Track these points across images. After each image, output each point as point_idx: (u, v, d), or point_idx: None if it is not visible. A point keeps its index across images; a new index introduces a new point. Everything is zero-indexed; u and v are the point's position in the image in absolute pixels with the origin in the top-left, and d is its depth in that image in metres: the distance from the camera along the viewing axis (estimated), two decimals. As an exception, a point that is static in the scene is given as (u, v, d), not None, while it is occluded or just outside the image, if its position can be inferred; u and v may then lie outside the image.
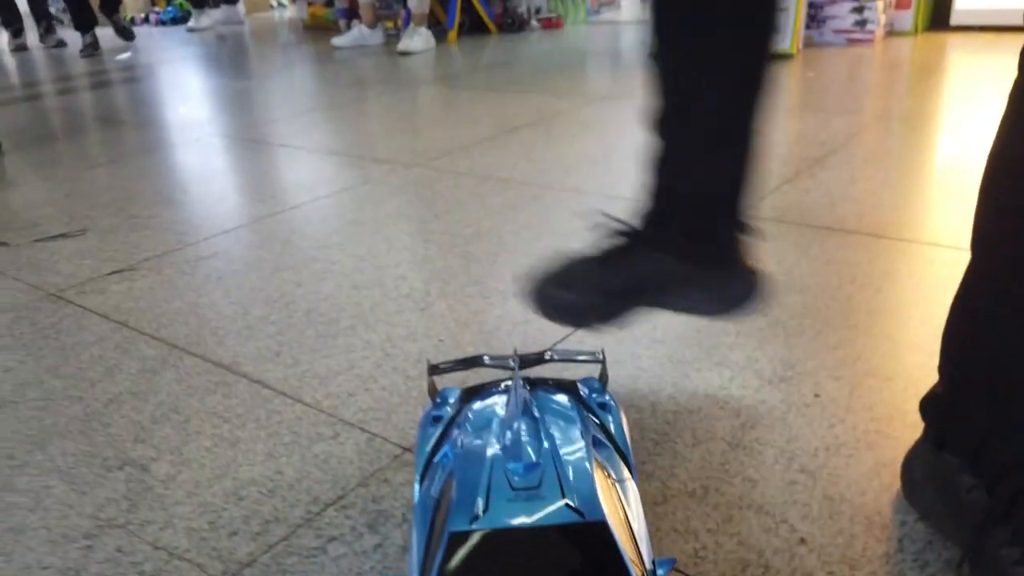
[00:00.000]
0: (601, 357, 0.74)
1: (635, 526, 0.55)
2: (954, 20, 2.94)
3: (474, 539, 0.50)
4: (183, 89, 3.12)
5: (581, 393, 0.71)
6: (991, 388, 0.59)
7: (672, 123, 0.76)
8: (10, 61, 4.13)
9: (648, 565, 0.52)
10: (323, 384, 0.91)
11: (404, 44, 3.40)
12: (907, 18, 2.92)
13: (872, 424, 0.78)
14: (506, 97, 2.46)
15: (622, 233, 0.81)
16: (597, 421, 0.67)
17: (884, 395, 0.82)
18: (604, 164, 1.68)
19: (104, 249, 1.37)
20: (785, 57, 2.72)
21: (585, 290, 0.81)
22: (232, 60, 3.88)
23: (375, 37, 3.75)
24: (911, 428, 0.76)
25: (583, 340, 0.96)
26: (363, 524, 0.69)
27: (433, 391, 0.73)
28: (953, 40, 2.91)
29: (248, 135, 2.17)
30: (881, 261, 1.13)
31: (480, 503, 0.52)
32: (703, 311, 0.81)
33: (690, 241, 0.78)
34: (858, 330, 0.95)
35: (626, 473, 0.62)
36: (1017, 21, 2.85)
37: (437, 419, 0.68)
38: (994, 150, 0.57)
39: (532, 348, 0.96)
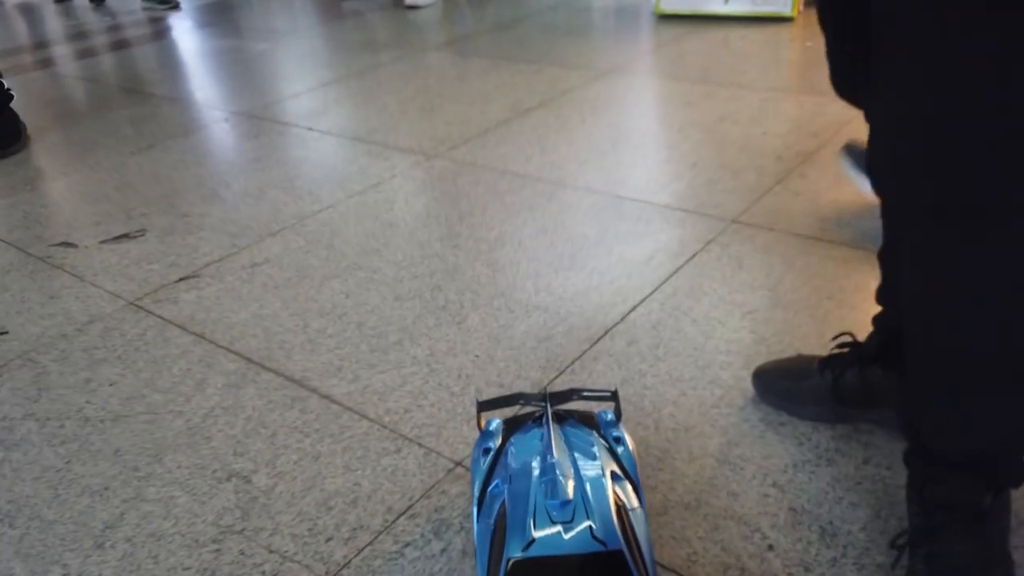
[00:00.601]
0: (616, 396, 0.91)
1: (643, 548, 0.74)
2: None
3: (526, 565, 0.69)
4: (199, 51, 3.18)
5: (601, 425, 0.89)
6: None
7: None
8: (14, 14, 4.14)
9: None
10: (382, 400, 1.09)
11: (412, -3, 3.43)
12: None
13: (832, 443, 0.96)
14: (516, 68, 2.55)
15: (854, 346, 0.96)
16: (613, 454, 0.85)
17: (846, 412, 1.01)
18: (613, 156, 1.81)
19: (167, 253, 1.53)
20: (784, 21, 2.79)
21: (813, 391, 0.97)
22: (241, 15, 3.90)
23: (382, -14, 3.74)
24: (865, 447, 0.95)
25: (598, 360, 1.14)
26: (430, 531, 0.89)
27: (480, 423, 0.91)
28: None
29: (273, 115, 2.28)
30: (858, 275, 1.29)
31: (528, 535, 0.70)
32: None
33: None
34: (829, 349, 1.12)
35: (636, 502, 0.80)
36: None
37: (487, 451, 0.86)
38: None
39: (552, 363, 1.14)
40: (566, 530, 0.71)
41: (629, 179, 1.69)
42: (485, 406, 0.91)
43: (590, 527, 0.71)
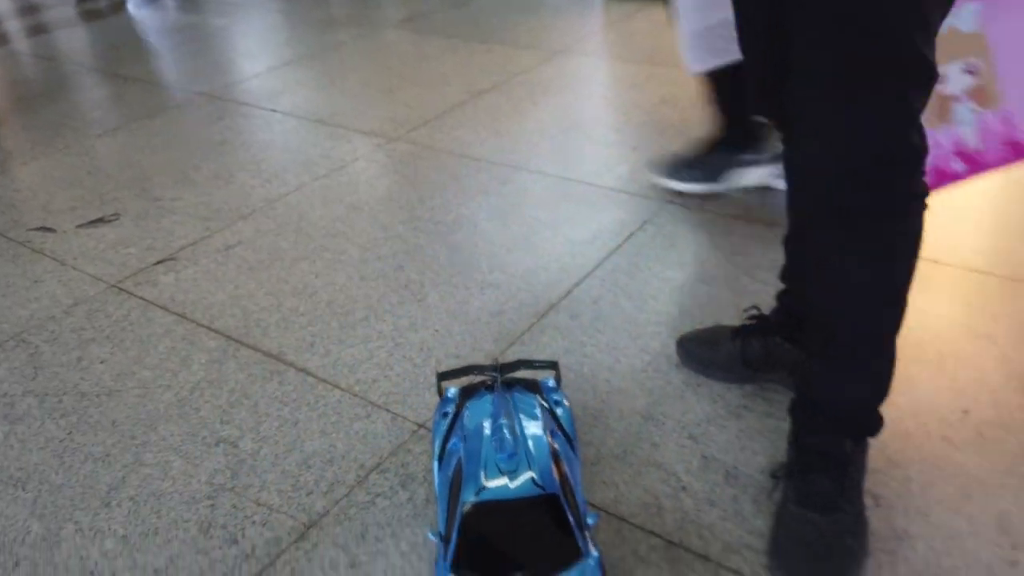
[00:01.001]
0: (557, 366, 1.06)
1: (576, 491, 0.90)
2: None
3: (478, 507, 0.84)
4: (157, 27, 3.19)
5: (544, 391, 1.04)
6: None
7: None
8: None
9: (584, 518, 0.87)
10: (352, 371, 1.23)
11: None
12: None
13: (741, 400, 1.13)
14: (471, 48, 2.65)
15: (760, 318, 1.12)
16: (553, 415, 1.00)
17: (756, 373, 1.17)
18: (562, 140, 1.93)
19: (142, 236, 1.63)
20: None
21: (726, 357, 1.13)
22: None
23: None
24: (768, 403, 1.11)
25: (544, 332, 1.28)
26: (397, 483, 1.03)
27: (440, 391, 1.05)
28: None
29: (236, 96, 2.35)
30: (773, 253, 1.44)
31: (480, 483, 0.85)
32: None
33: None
34: (741, 320, 1.28)
35: (572, 454, 0.96)
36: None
37: (446, 414, 1.01)
38: None
39: (504, 336, 1.28)
40: (511, 479, 0.86)
41: (577, 162, 1.82)
42: (444, 376, 1.05)
43: (532, 476, 0.86)
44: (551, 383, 1.05)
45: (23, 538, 1.00)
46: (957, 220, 1.49)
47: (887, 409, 0.94)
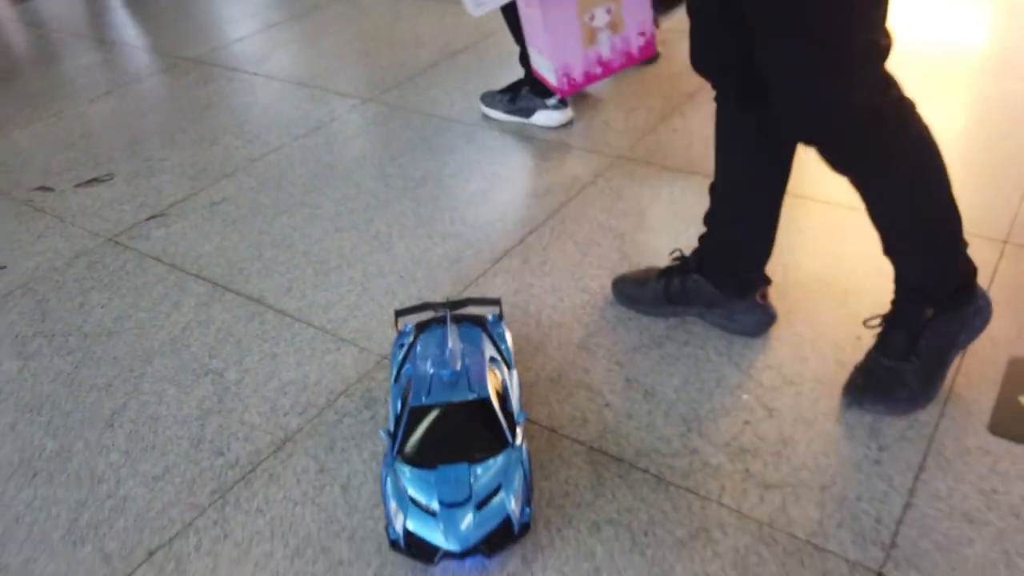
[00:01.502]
0: (499, 302, 1.21)
1: (512, 400, 1.05)
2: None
3: (422, 410, 1.00)
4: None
5: (487, 325, 1.19)
6: None
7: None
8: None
9: (515, 420, 1.03)
10: (325, 312, 1.38)
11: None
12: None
13: (664, 331, 1.28)
14: (445, 8, 2.74)
15: (682, 260, 1.29)
16: (494, 342, 1.16)
17: (681, 309, 1.32)
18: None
19: (135, 195, 1.77)
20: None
21: (651, 294, 1.29)
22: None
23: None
24: (687, 334, 1.26)
25: (497, 275, 1.43)
26: (362, 405, 1.19)
27: (398, 326, 1.20)
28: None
29: (221, 60, 2.46)
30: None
31: (425, 391, 1.01)
32: (729, 329, 1.26)
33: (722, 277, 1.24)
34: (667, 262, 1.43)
35: (507, 374, 1.11)
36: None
37: (402, 346, 1.16)
38: None
39: (461, 280, 1.43)
40: (453, 389, 1.02)
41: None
42: (402, 313, 1.20)
43: (467, 386, 1.01)
44: (493, 318, 1.20)
45: (40, 453, 1.16)
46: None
47: (790, 337, 1.10)
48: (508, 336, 1.17)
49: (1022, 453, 1.04)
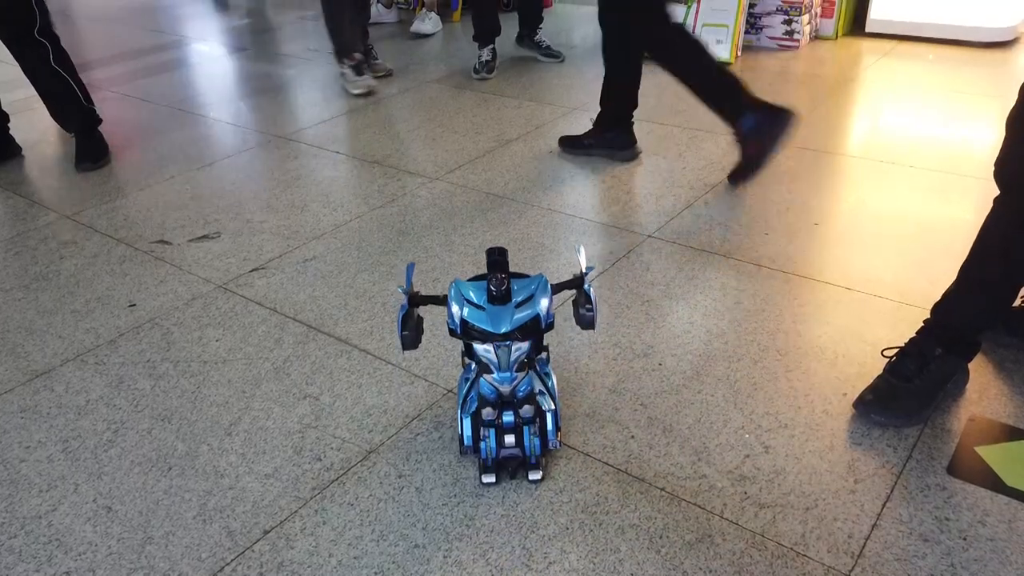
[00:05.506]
0: (547, 348, 1.48)
1: (549, 429, 1.31)
2: (868, 28, 3.58)
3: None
4: (237, 75, 3.73)
5: (537, 363, 1.45)
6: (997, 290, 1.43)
7: None
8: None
9: (554, 436, 1.29)
10: (400, 352, 1.67)
11: (416, 27, 4.00)
12: (830, 25, 3.55)
13: (684, 381, 1.54)
14: (501, 103, 3.12)
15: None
16: (542, 380, 1.41)
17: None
18: (570, 183, 2.38)
19: (239, 250, 2.10)
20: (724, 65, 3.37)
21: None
22: (268, 40, 4.44)
23: (390, 16, 4.31)
24: (700, 383, 1.52)
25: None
26: (431, 427, 1.46)
27: (463, 362, 1.47)
28: (866, 44, 3.56)
29: (306, 139, 2.85)
30: (724, 278, 1.87)
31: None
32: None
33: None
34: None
35: (551, 405, 1.36)
36: (913, 32, 3.50)
37: (467, 379, 1.43)
38: None
39: (515, 332, 1.71)
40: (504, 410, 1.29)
41: (580, 202, 2.27)
42: (466, 355, 1.47)
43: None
44: (541, 360, 1.47)
45: (173, 452, 1.44)
46: (875, 256, 1.90)
47: (787, 390, 1.35)
48: (554, 376, 1.44)
49: (973, 491, 1.27)
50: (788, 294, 1.80)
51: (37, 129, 3.06)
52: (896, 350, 1.48)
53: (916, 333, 1.48)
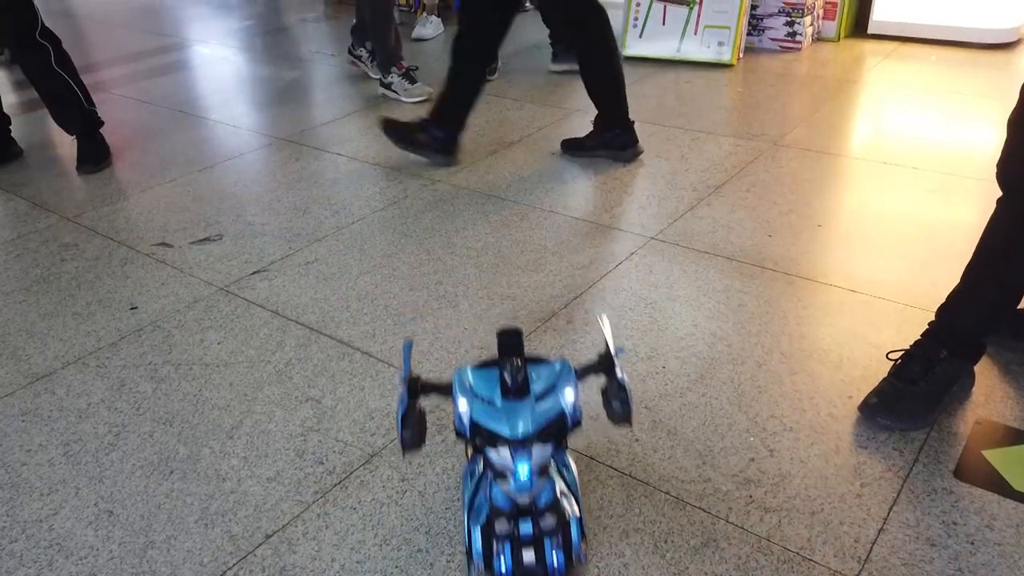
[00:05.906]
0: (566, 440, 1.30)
1: (573, 533, 1.05)
2: (871, 29, 3.58)
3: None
4: (239, 77, 3.72)
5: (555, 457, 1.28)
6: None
7: None
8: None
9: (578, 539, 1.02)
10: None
11: (417, 32, 3.99)
12: (832, 27, 3.56)
13: (688, 384, 1.53)
14: (503, 104, 3.12)
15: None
16: (562, 475, 1.20)
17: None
18: (572, 185, 2.38)
19: (241, 252, 2.09)
20: (724, 67, 3.36)
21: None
22: (270, 43, 4.44)
23: (391, 18, 4.31)
24: (704, 386, 1.51)
25: (546, 332, 1.70)
26: (434, 430, 1.45)
27: (467, 452, 1.19)
28: (868, 46, 3.56)
29: (308, 141, 2.84)
30: (728, 280, 1.86)
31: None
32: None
33: None
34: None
35: (576, 511, 1.07)
36: (915, 34, 3.50)
37: (473, 472, 1.10)
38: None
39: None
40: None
41: (582, 204, 2.26)
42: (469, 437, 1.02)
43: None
44: (564, 454, 1.18)
45: (174, 456, 1.44)
46: (878, 258, 1.89)
47: (792, 393, 1.34)
48: (574, 467, 1.13)
49: (980, 495, 1.26)
50: (792, 296, 1.79)
51: (38, 131, 3.06)
52: (901, 353, 1.47)
53: (921, 336, 1.47)
